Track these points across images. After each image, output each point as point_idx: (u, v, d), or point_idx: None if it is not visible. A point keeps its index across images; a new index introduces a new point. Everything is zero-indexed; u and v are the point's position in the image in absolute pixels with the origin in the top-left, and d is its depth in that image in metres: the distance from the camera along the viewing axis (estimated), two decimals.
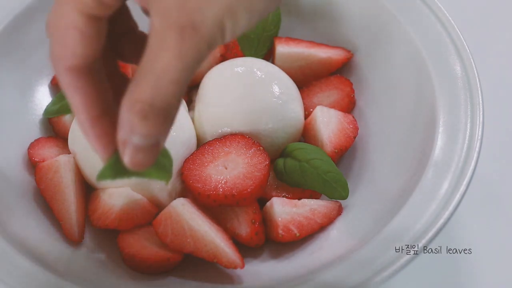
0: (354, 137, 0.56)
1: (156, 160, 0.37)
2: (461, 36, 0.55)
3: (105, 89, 0.38)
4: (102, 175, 0.39)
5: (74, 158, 0.54)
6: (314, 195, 0.54)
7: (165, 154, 0.40)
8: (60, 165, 0.52)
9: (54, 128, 0.58)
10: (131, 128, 0.34)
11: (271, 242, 0.52)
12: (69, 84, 0.36)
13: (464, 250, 0.58)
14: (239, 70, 0.57)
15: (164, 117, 0.34)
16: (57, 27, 0.35)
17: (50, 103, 0.59)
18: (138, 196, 0.51)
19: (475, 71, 0.53)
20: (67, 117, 0.57)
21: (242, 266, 0.48)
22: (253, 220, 0.51)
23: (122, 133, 0.35)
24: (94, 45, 0.35)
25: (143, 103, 0.33)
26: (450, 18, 0.56)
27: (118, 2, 0.35)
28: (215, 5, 0.32)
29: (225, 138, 0.53)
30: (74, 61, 0.35)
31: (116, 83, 0.40)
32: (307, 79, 0.61)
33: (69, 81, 0.36)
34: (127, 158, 0.36)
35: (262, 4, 0.33)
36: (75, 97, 0.36)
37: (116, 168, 0.38)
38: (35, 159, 0.55)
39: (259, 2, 0.33)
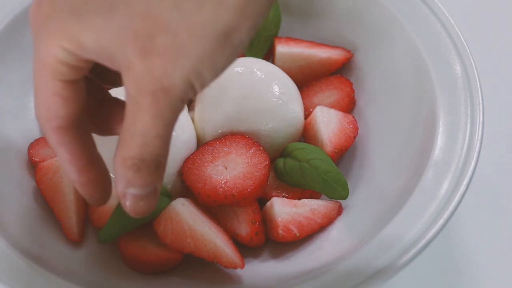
0: (354, 137, 0.56)
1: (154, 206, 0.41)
2: (461, 36, 0.55)
3: (89, 140, 0.41)
4: (105, 237, 0.49)
5: None
6: (314, 195, 0.54)
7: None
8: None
9: None
10: (127, 182, 0.38)
11: (271, 242, 0.52)
12: (56, 142, 0.39)
13: (464, 250, 0.58)
14: (239, 70, 0.57)
15: (155, 167, 0.38)
16: (39, 94, 0.38)
17: None
18: None
19: (475, 71, 0.53)
20: None
21: (242, 266, 0.48)
22: (253, 220, 0.51)
23: (120, 187, 0.38)
24: (75, 105, 0.38)
25: (133, 158, 0.37)
26: (450, 18, 0.56)
27: (89, 64, 0.37)
28: (179, 69, 0.34)
29: (225, 138, 0.53)
30: (59, 122, 0.38)
31: (109, 108, 0.44)
32: (307, 79, 0.61)
33: (56, 139, 0.39)
34: (129, 208, 0.39)
35: (224, 61, 0.35)
36: (62, 152, 0.40)
37: (116, 227, 0.47)
38: (35, 159, 0.55)
39: (221, 60, 0.34)
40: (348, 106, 0.59)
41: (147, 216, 0.48)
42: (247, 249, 0.51)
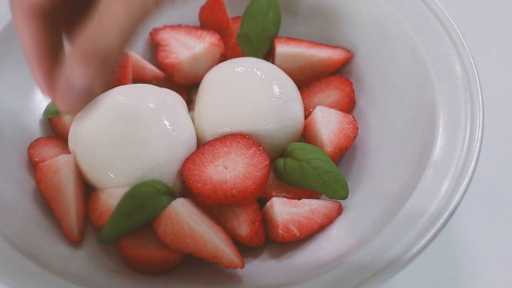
0: (354, 137, 0.56)
1: (83, 106, 0.40)
2: (461, 36, 0.55)
3: (57, 35, 0.41)
4: (105, 238, 0.49)
5: (74, 158, 0.54)
6: (314, 195, 0.54)
7: None
8: (60, 165, 0.52)
9: (54, 128, 0.59)
10: (71, 66, 0.38)
11: (271, 242, 0.52)
12: (23, 26, 0.40)
13: (464, 250, 0.58)
14: (239, 70, 0.57)
15: (102, 64, 0.38)
16: None
17: (50, 103, 0.59)
18: None
19: (475, 71, 0.53)
20: (67, 117, 0.57)
21: (242, 266, 0.48)
22: (253, 220, 0.51)
23: (64, 69, 0.39)
24: None
25: (87, 41, 0.37)
26: (450, 18, 0.56)
27: None
28: None
29: (225, 138, 0.53)
30: (30, 5, 0.39)
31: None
32: (307, 79, 0.61)
33: (24, 24, 0.40)
34: (60, 93, 0.39)
35: None
36: (27, 38, 0.40)
37: (116, 228, 0.48)
38: (35, 159, 0.55)
39: None
40: (348, 106, 0.59)
41: (148, 217, 0.49)
42: (247, 249, 0.51)
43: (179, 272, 0.51)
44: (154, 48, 0.63)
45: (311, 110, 0.58)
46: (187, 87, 0.62)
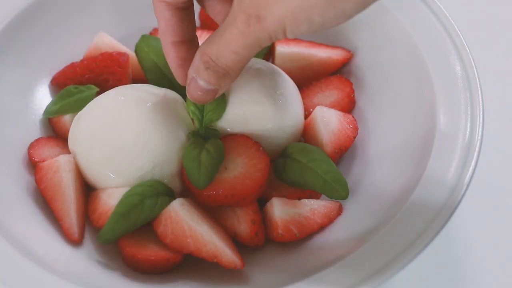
0: (354, 137, 0.56)
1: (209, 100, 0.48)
2: (461, 36, 0.55)
3: (190, 23, 0.48)
4: (105, 238, 0.49)
5: (74, 158, 0.54)
6: (314, 195, 0.53)
7: None
8: (60, 165, 0.52)
9: (54, 128, 0.59)
10: (196, 70, 0.45)
11: (271, 242, 0.52)
12: (159, 13, 0.47)
13: (464, 250, 0.58)
14: None
15: (222, 74, 0.44)
16: None
17: (50, 103, 0.59)
18: None
19: (475, 71, 0.53)
20: (67, 117, 0.57)
21: (242, 266, 0.48)
22: (253, 220, 0.51)
23: (191, 71, 0.46)
24: None
25: (209, 56, 0.44)
26: (450, 18, 0.56)
27: None
28: (280, 7, 0.38)
29: (225, 138, 0.53)
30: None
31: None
32: (307, 79, 0.61)
33: (160, 9, 0.47)
34: (188, 91, 0.47)
35: (320, 19, 0.38)
36: (160, 23, 0.48)
37: (116, 228, 0.49)
38: (35, 159, 0.55)
39: (318, 17, 0.38)
40: (348, 106, 0.59)
41: (147, 217, 0.49)
42: (247, 249, 0.51)
43: (179, 272, 0.51)
44: None
45: (311, 110, 0.58)
46: None
